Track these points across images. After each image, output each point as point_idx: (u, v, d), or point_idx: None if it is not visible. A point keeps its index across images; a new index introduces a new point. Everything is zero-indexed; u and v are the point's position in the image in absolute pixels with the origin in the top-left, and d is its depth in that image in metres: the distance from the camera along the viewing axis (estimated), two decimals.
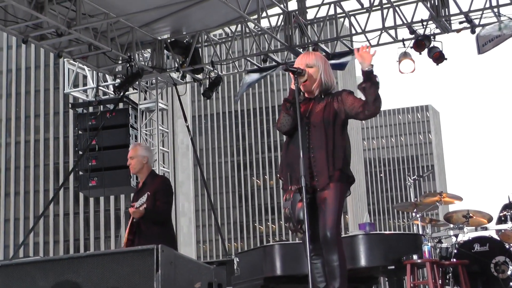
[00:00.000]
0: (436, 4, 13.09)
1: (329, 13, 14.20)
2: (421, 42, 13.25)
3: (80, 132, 15.94)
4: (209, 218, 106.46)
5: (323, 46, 14.39)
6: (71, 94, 16.83)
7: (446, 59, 13.36)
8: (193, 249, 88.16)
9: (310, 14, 14.76)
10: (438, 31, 13.42)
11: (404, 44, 13.66)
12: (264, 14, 13.58)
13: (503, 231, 10.21)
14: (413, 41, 13.41)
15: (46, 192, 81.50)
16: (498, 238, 10.23)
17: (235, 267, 8.98)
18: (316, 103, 6.02)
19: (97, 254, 5.77)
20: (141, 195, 8.29)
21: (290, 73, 6.02)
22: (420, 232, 10.81)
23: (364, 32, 13.88)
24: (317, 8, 14.48)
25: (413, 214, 10.80)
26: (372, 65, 5.89)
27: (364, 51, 5.94)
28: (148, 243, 7.69)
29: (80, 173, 15.81)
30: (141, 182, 8.77)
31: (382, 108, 6.43)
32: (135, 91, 16.24)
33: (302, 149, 5.76)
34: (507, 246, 10.06)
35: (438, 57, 13.34)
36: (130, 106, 15.76)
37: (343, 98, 5.96)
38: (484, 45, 13.08)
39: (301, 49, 14.46)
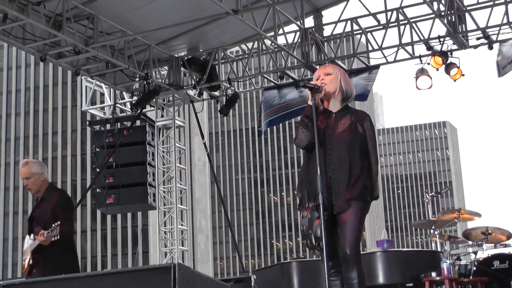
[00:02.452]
0: (453, 20, 13.07)
1: (346, 30, 14.20)
2: (438, 58, 13.23)
3: (97, 149, 15.99)
4: (226, 235, 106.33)
5: (340, 62, 14.39)
6: (89, 111, 16.89)
7: (463, 75, 13.33)
8: (210, 266, 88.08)
9: (327, 31, 14.78)
10: (455, 47, 13.40)
11: (421, 61, 13.64)
12: (280, 31, 13.60)
13: None
14: (430, 57, 13.39)
15: None
16: None
17: (252, 284, 8.95)
18: (338, 118, 5.95)
19: (115, 272, 5.76)
20: (41, 212, 8.11)
21: (307, 90, 5.99)
22: (439, 249, 10.76)
23: (381, 48, 13.87)
24: (334, 25, 14.51)
25: (432, 231, 10.74)
26: None
27: None
28: (50, 269, 7.70)
29: (98, 190, 15.84)
30: (39, 197, 8.46)
31: (399, 125, 6.46)
32: (152, 108, 16.29)
33: (319, 166, 5.73)
34: None
35: (455, 73, 13.32)
36: (147, 123, 15.79)
37: (368, 133, 5.94)
38: (505, 67, 13.05)
39: (318, 66, 14.46)
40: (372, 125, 5.97)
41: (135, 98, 15.38)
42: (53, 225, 7.62)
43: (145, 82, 14.50)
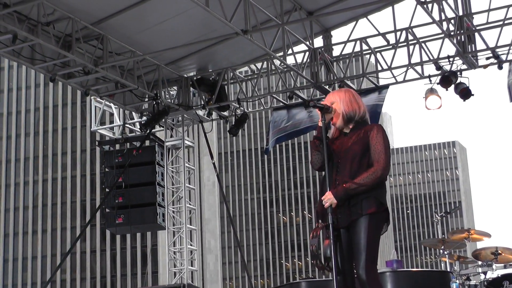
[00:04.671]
0: (463, 40, 13.07)
1: (355, 50, 14.23)
2: (448, 78, 13.23)
3: (106, 169, 16.01)
4: (235, 255, 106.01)
5: (349, 82, 14.40)
6: (98, 131, 16.92)
7: (473, 95, 13.31)
8: (220, 286, 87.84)
9: (336, 51, 14.84)
10: (464, 67, 13.40)
11: (430, 80, 13.65)
12: (289, 51, 13.63)
13: None
14: (439, 77, 13.39)
15: (73, 229, 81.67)
16: None
17: None
18: (349, 137, 5.92)
19: None
20: None
21: (317, 110, 5.99)
22: (448, 269, 10.70)
23: (390, 68, 13.88)
24: (343, 44, 14.53)
25: (441, 250, 10.69)
26: (339, 199, 5.70)
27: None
28: None
29: (107, 210, 15.86)
30: None
31: (408, 145, 6.34)
32: (162, 128, 16.31)
33: (329, 185, 5.73)
34: None
35: (464, 93, 13.30)
36: (156, 143, 15.82)
37: (372, 141, 5.80)
38: None
39: (327, 86, 14.48)
40: (378, 132, 5.81)
41: (144, 118, 15.41)
42: None
43: (154, 102, 14.54)
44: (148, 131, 15.24)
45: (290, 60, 13.93)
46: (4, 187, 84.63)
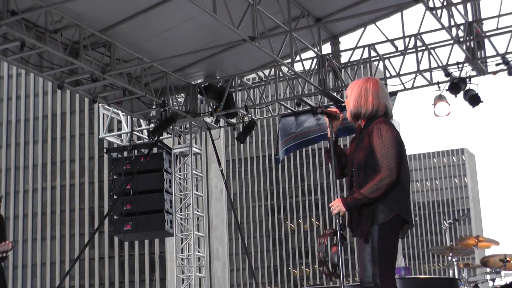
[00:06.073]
0: (472, 46, 13.01)
1: (363, 56, 14.19)
2: (457, 85, 13.15)
3: (115, 176, 16.01)
4: (243, 262, 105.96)
5: None
6: (106, 139, 16.93)
7: (482, 101, 13.25)
8: None
9: (344, 58, 14.77)
10: (474, 73, 13.33)
11: (439, 87, 13.59)
12: (297, 58, 13.61)
13: None
14: (448, 83, 13.33)
15: (81, 236, 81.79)
16: None
17: None
18: (361, 138, 5.77)
19: None
20: None
21: (324, 117, 5.95)
22: (456, 276, 10.65)
23: (398, 75, 13.85)
24: (351, 51, 14.50)
25: (449, 258, 10.65)
26: (347, 207, 5.62)
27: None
28: None
29: (115, 217, 15.86)
30: None
31: (417, 152, 6.19)
32: (169, 135, 16.31)
33: (335, 191, 5.70)
34: None
35: (474, 99, 13.24)
36: (164, 150, 15.81)
37: (373, 146, 5.61)
38: None
39: (335, 93, 14.45)
40: (378, 132, 5.60)
41: (152, 125, 15.41)
42: (7, 241, 7.51)
43: (162, 110, 14.54)
44: (156, 138, 15.24)
45: (298, 67, 13.91)
46: (13, 194, 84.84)
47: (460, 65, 13.27)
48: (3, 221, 8.21)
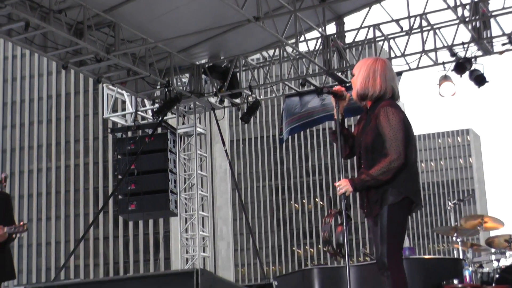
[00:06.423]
0: (478, 26, 12.96)
1: (368, 37, 14.16)
2: (462, 65, 13.12)
3: (119, 156, 16.03)
4: (247, 242, 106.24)
5: None
6: (110, 119, 16.94)
7: (487, 81, 13.20)
8: (232, 272, 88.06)
9: (349, 38, 14.76)
10: (479, 53, 13.29)
11: (444, 67, 13.57)
12: (302, 38, 13.58)
13: None
14: (453, 63, 13.29)
15: (86, 216, 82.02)
16: None
17: None
18: (368, 120, 5.75)
19: (139, 276, 5.83)
20: None
21: (331, 97, 5.94)
22: (461, 257, 10.66)
23: (403, 55, 13.82)
24: (356, 31, 14.45)
25: (454, 238, 10.65)
26: (354, 188, 5.62)
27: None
28: None
29: (120, 197, 15.90)
30: None
31: (421, 132, 6.12)
32: (174, 115, 16.32)
33: (340, 170, 5.72)
34: None
35: (479, 79, 13.20)
36: (168, 130, 15.83)
37: (380, 128, 5.60)
38: None
39: (339, 73, 14.42)
40: (385, 115, 5.58)
41: (156, 105, 15.42)
42: (21, 223, 7.52)
43: (166, 90, 14.55)
44: (160, 119, 15.25)
45: (302, 47, 13.88)
46: (18, 174, 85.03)
47: (466, 45, 13.24)
48: (10, 200, 8.23)
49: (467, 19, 12.80)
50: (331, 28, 14.60)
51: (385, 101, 5.71)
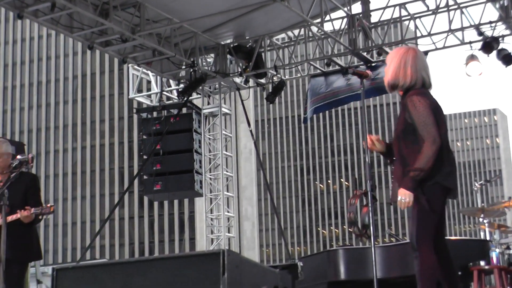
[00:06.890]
0: (506, 4, 12.82)
1: (394, 16, 14.05)
2: (489, 44, 12.99)
3: (144, 136, 16.07)
4: (272, 222, 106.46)
5: (387, 49, 14.24)
6: (136, 99, 16.98)
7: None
8: (256, 253, 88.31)
9: (374, 17, 14.64)
10: (507, 32, 13.15)
11: (471, 47, 13.43)
12: (327, 18, 13.51)
13: None
14: (481, 43, 13.16)
15: (111, 196, 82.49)
16: None
17: (298, 271, 8.91)
18: (401, 109, 5.83)
19: (164, 257, 5.84)
20: (10, 194, 7.75)
21: (356, 77, 5.94)
22: (488, 238, 10.60)
23: (430, 34, 13.70)
24: (382, 10, 14.34)
25: (480, 219, 10.58)
26: (413, 190, 5.58)
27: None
28: (17, 242, 7.49)
29: (145, 177, 15.95)
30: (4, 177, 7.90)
31: (448, 112, 6.09)
32: (199, 96, 16.33)
33: (366, 152, 5.70)
34: None
35: (507, 59, 13.07)
36: (193, 111, 15.83)
37: (409, 115, 5.65)
38: None
39: (365, 53, 14.33)
40: (413, 105, 5.62)
41: (181, 85, 15.43)
42: (48, 205, 7.52)
43: (191, 70, 14.54)
44: (185, 99, 15.26)
45: (327, 26, 13.80)
46: (44, 154, 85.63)
47: (493, 24, 13.10)
48: (38, 181, 8.25)
49: None
50: (356, 8, 14.52)
51: (412, 90, 5.74)
